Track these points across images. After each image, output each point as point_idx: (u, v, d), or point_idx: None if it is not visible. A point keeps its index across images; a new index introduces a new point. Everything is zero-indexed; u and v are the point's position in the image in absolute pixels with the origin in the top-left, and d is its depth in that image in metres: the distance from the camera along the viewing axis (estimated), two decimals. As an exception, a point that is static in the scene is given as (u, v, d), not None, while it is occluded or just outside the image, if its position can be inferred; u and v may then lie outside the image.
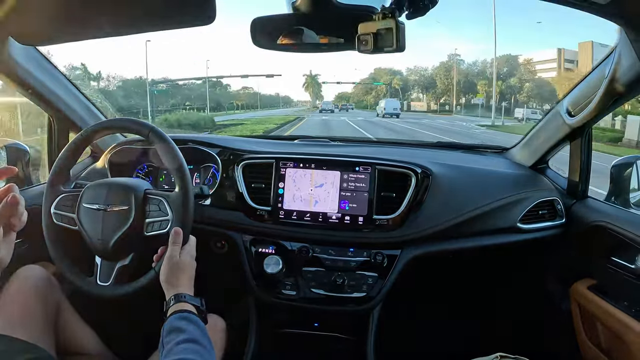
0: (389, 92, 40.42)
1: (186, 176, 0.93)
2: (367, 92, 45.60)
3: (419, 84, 41.11)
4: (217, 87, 40.15)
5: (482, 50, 59.32)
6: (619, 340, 0.99)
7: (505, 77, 33.22)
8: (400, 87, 41.38)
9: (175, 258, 0.84)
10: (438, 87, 38.09)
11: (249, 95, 43.71)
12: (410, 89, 42.08)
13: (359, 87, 46.07)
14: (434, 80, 38.71)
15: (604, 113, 1.03)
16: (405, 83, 41.88)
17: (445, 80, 37.32)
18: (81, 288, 0.95)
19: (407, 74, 42.70)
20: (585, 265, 1.16)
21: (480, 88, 33.61)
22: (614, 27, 0.78)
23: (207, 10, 0.72)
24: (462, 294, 1.50)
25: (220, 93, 39.48)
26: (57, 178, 1.00)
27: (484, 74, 35.81)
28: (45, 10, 0.77)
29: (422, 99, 40.83)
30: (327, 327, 1.28)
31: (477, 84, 34.59)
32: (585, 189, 1.21)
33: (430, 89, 39.06)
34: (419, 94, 41.20)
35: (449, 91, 37.13)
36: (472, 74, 36.56)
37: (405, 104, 37.21)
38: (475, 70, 37.03)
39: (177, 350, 0.66)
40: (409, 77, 42.19)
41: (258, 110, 38.86)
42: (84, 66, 27.63)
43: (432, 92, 38.91)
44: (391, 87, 41.20)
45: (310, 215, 1.17)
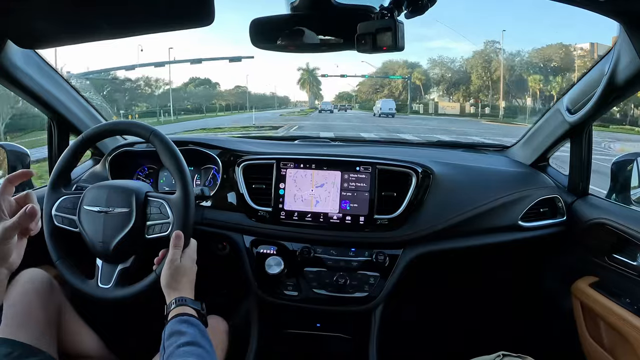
0: (409, 88, 32.32)
1: (187, 178, 0.93)
2: (377, 90, 37.45)
3: (445, 78, 31.83)
4: (203, 86, 36.56)
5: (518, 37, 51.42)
6: (621, 337, 0.99)
7: (557, 72, 24.88)
8: (423, 83, 32.61)
9: (177, 261, 0.84)
10: (473, 83, 28.91)
11: (237, 95, 39.53)
12: (434, 85, 32.90)
13: (366, 84, 39.68)
14: (465, 74, 30.17)
15: (604, 110, 1.04)
16: (427, 77, 33.08)
17: (484, 75, 28.11)
18: (82, 290, 0.95)
19: (430, 67, 33.52)
20: (587, 263, 1.15)
21: (534, 85, 24.90)
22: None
23: (207, 11, 0.72)
24: (463, 292, 1.50)
25: (202, 92, 36.00)
26: (58, 180, 1.00)
27: (534, 67, 26.15)
28: (44, 13, 0.77)
29: (442, 96, 31.62)
30: (329, 327, 1.28)
31: (528, 80, 25.20)
32: (586, 186, 1.20)
33: (460, 85, 30.36)
34: (443, 92, 31.99)
35: (488, 88, 28.32)
36: (518, 67, 27.01)
37: (431, 104, 29.98)
38: (517, 61, 27.18)
39: (179, 353, 0.66)
40: (431, 70, 33.25)
41: (245, 111, 34.32)
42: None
43: (462, 89, 30.22)
44: (411, 82, 32.44)
45: (311, 215, 1.17)
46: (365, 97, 38.40)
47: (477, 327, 1.46)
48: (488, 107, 27.11)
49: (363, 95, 39.55)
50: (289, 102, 48.79)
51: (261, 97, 45.85)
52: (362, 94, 40.21)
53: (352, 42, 0.78)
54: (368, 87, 39.03)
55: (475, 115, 25.87)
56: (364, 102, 36.61)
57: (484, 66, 28.31)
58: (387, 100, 25.40)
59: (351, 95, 44.64)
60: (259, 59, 66.36)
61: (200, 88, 36.28)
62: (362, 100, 37.51)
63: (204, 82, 37.44)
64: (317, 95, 43.34)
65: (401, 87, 34.44)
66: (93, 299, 0.94)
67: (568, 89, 1.15)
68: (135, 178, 1.38)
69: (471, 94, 29.29)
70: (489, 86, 28.04)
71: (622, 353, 1.00)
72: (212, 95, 36.83)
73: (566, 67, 24.39)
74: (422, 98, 31.92)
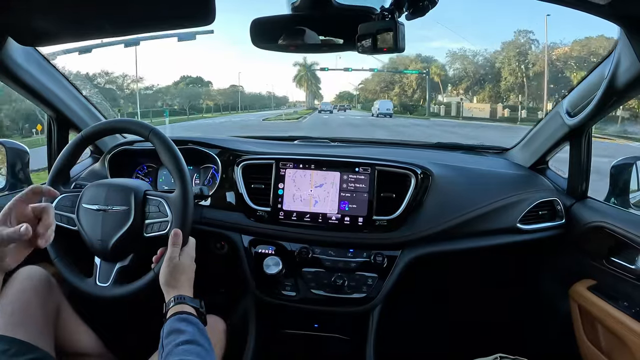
0: (427, 85, 28.38)
1: (186, 177, 0.93)
2: (386, 88, 34.08)
3: (467, 74, 27.25)
4: (192, 85, 33.92)
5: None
6: (619, 340, 0.99)
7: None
8: (441, 80, 28.45)
9: (175, 259, 0.84)
10: (505, 80, 24.04)
11: (228, 95, 36.75)
12: (457, 82, 28.01)
13: (372, 82, 36.07)
14: (491, 70, 25.55)
15: (604, 113, 1.04)
16: (446, 73, 28.89)
17: (518, 70, 23.31)
18: (80, 289, 0.95)
19: (450, 61, 28.90)
20: (585, 266, 1.15)
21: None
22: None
23: (207, 10, 0.72)
24: (461, 294, 1.50)
25: (190, 91, 33.56)
26: (57, 178, 1.00)
27: (578, 60, 21.05)
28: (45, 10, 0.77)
29: (458, 95, 27.68)
30: (327, 328, 1.28)
31: (571, 77, 20.59)
32: (585, 189, 1.21)
33: (487, 83, 25.89)
34: (461, 91, 27.64)
35: (522, 87, 23.36)
36: (561, 61, 21.51)
37: (454, 105, 25.59)
38: (557, 54, 22.03)
39: (177, 351, 0.66)
40: (451, 64, 28.82)
41: (237, 112, 32.35)
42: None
43: (487, 87, 25.81)
44: (429, 78, 28.52)
45: (310, 216, 1.17)
46: (372, 96, 35.23)
47: (475, 329, 1.46)
48: (523, 109, 21.22)
49: (369, 94, 36.81)
50: (287, 102, 47.25)
51: (257, 97, 43.79)
52: (368, 92, 37.24)
53: (353, 42, 0.78)
54: (375, 84, 35.72)
55: (510, 119, 20.71)
56: (368, 102, 34.15)
57: (518, 60, 23.06)
58: (385, 101, 26.78)
59: (352, 95, 42.59)
60: (257, 58, 65.09)
61: (190, 87, 34.01)
62: (368, 100, 34.59)
63: (195, 80, 35.54)
64: (317, 94, 41.05)
65: (415, 85, 30.94)
66: (91, 297, 0.94)
67: (568, 92, 1.16)
68: (134, 176, 1.38)
69: (500, 93, 24.31)
70: (523, 84, 23.25)
71: (620, 356, 1.00)
72: (198, 95, 34.10)
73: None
74: (434, 98, 28.55)
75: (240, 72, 76.14)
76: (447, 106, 26.90)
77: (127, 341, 1.14)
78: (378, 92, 35.21)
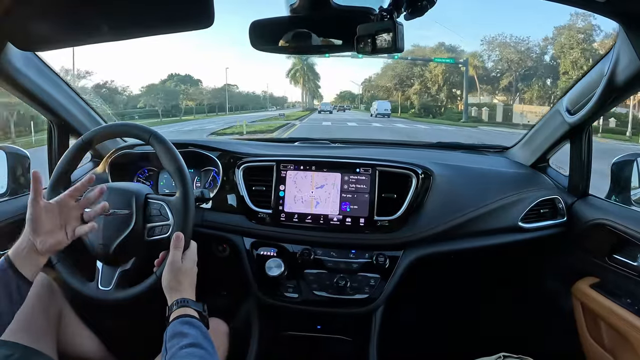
0: (465, 79, 22.31)
1: (187, 180, 0.93)
2: (401, 85, 27.50)
3: (510, 67, 21.05)
4: (179, 84, 29.98)
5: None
6: (622, 337, 0.99)
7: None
8: (479, 74, 22.34)
9: (177, 263, 0.84)
10: (567, 74, 17.85)
11: (215, 94, 33.28)
12: (497, 77, 21.64)
13: (383, 78, 30.22)
14: (542, 62, 19.60)
15: (604, 111, 1.04)
16: (484, 65, 22.42)
17: (584, 62, 17.16)
18: (83, 293, 0.95)
19: (487, 48, 22.02)
20: (587, 264, 1.15)
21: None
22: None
23: (206, 13, 0.72)
24: (464, 294, 1.50)
25: (170, 89, 29.11)
26: (58, 183, 0.99)
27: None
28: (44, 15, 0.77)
29: (496, 93, 21.98)
30: (329, 329, 1.28)
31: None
32: (586, 187, 1.21)
33: (536, 78, 20.09)
34: (504, 87, 21.43)
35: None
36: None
37: (500, 109, 19.50)
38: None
39: (181, 354, 0.66)
40: (489, 52, 22.10)
41: (227, 114, 29.14)
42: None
43: (537, 84, 19.95)
44: (467, 70, 22.12)
45: (311, 217, 1.17)
46: (383, 94, 29.98)
47: (478, 328, 1.46)
48: (611, 116, 14.27)
49: (379, 92, 31.38)
50: (285, 102, 44.65)
51: (252, 97, 41.07)
52: (378, 90, 31.70)
53: (352, 43, 0.78)
54: (387, 79, 29.43)
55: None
56: (373, 102, 29.52)
57: (582, 48, 17.13)
58: (383, 102, 26.92)
59: (354, 95, 40.05)
60: (253, 55, 64.04)
61: (174, 85, 30.49)
62: (377, 99, 30.06)
63: (184, 79, 32.41)
64: (315, 93, 38.66)
65: (441, 80, 23.77)
66: (93, 301, 0.94)
67: (567, 90, 1.16)
68: (135, 180, 1.38)
69: (555, 92, 18.14)
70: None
71: (623, 353, 1.00)
72: (176, 94, 29.95)
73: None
74: (460, 97, 23.05)
75: (227, 68, 72.23)
76: (490, 108, 20.25)
77: (129, 345, 1.14)
78: (391, 90, 28.95)
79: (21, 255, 0.74)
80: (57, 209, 0.78)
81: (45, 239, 0.75)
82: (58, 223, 0.78)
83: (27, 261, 0.74)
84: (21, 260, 0.74)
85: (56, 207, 0.78)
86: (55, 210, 0.78)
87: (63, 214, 0.79)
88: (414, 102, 27.98)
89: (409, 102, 28.79)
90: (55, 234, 0.77)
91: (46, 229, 0.76)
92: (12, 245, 0.76)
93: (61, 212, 0.79)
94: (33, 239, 0.75)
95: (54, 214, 0.78)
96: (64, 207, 0.79)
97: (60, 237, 0.78)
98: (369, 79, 36.52)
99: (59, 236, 0.78)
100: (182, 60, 68.36)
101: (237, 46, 61.35)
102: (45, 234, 0.76)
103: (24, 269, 0.73)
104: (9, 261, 0.73)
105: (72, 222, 0.81)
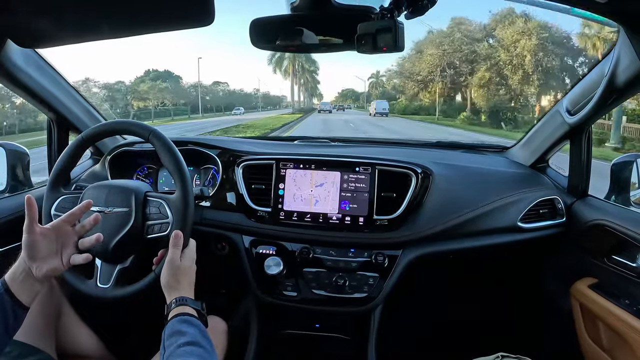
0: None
1: (186, 178, 0.93)
2: (448, 75, 18.93)
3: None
4: (144, 80, 27.18)
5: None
6: (621, 338, 0.99)
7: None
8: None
9: (176, 261, 0.84)
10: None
11: (214, 93, 30.85)
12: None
13: (418, 64, 21.35)
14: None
15: (604, 111, 1.04)
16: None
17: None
18: (81, 290, 0.95)
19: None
20: (586, 264, 1.15)
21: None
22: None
23: (207, 11, 0.72)
24: (462, 293, 1.50)
25: (118, 88, 25.81)
26: (57, 180, 1.00)
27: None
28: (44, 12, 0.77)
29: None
30: (328, 328, 1.28)
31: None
32: (586, 187, 1.21)
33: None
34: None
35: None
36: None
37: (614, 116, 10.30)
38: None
39: (179, 352, 0.66)
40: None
41: (201, 117, 25.90)
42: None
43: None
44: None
45: (310, 216, 1.17)
46: (414, 87, 22.28)
47: (477, 328, 1.46)
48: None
49: (409, 83, 23.13)
50: (280, 102, 42.15)
51: (239, 95, 37.72)
52: (407, 79, 23.43)
53: (352, 42, 0.78)
54: (426, 65, 20.08)
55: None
56: (372, 101, 27.35)
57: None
58: (381, 102, 26.89)
59: (358, 93, 37.55)
60: (252, 53, 59.86)
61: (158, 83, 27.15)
62: (387, 98, 27.80)
63: (162, 75, 29.25)
64: (313, 91, 35.81)
65: (530, 66, 15.30)
66: (92, 298, 0.94)
67: (568, 90, 1.15)
68: (134, 178, 1.37)
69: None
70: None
71: (621, 354, 1.01)
72: (182, 94, 27.50)
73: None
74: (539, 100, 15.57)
75: (200, 58, 62.30)
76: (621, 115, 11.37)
77: (128, 343, 1.14)
78: (426, 83, 20.28)
79: (18, 280, 0.72)
80: (54, 234, 0.77)
81: (40, 264, 0.74)
82: (54, 249, 0.77)
83: (24, 286, 0.73)
84: (18, 285, 0.72)
85: (52, 232, 0.77)
86: (51, 236, 0.77)
87: (59, 240, 0.78)
88: (481, 105, 18.16)
89: (465, 98, 19.79)
90: (51, 260, 0.76)
91: (42, 255, 0.75)
92: (8, 270, 0.75)
93: (57, 238, 0.78)
94: (29, 265, 0.73)
95: (50, 240, 0.77)
96: (60, 232, 0.78)
97: (56, 264, 0.77)
98: (377, 74, 32.65)
99: (55, 262, 0.77)
100: (169, 55, 65.69)
101: (237, 45, 60.66)
102: (41, 260, 0.74)
103: (21, 294, 0.72)
104: (5, 285, 0.71)
105: (68, 249, 0.80)
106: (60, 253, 0.78)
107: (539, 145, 1.31)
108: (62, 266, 0.78)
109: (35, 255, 0.74)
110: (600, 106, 0.97)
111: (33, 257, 0.74)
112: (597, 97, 0.95)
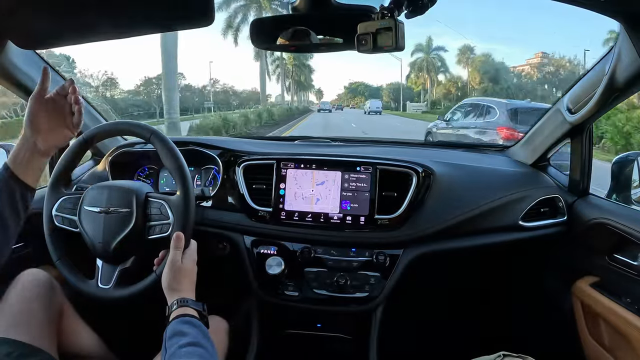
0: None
1: (187, 179, 0.93)
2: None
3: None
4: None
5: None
6: (622, 337, 0.99)
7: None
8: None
9: (178, 262, 0.84)
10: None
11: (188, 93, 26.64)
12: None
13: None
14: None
15: (605, 110, 1.03)
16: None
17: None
18: (82, 291, 0.95)
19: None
20: (588, 263, 1.15)
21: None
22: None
23: (206, 11, 0.72)
24: (464, 292, 1.50)
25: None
26: (58, 181, 1.00)
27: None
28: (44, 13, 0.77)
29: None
30: (329, 327, 1.28)
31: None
32: (587, 186, 1.20)
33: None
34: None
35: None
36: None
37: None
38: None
39: (180, 353, 0.66)
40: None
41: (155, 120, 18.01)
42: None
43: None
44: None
45: (311, 215, 1.17)
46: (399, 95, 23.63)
47: (478, 327, 1.46)
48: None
49: (442, 91, 22.68)
50: (280, 102, 42.91)
51: (231, 94, 35.81)
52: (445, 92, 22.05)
53: (352, 42, 0.78)
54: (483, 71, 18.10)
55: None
56: (366, 101, 30.49)
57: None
58: (375, 100, 31.05)
59: (371, 88, 39.84)
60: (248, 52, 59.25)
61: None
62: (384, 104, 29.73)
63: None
64: (315, 91, 36.45)
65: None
66: (93, 299, 0.94)
67: (568, 89, 1.15)
68: (135, 178, 1.38)
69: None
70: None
71: (623, 353, 1.00)
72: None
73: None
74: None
75: (211, 62, 60.24)
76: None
77: (129, 343, 1.14)
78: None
79: (22, 162, 0.75)
80: (53, 105, 0.81)
81: (45, 136, 0.77)
82: (58, 120, 0.82)
83: (29, 166, 0.75)
84: (22, 168, 0.74)
85: (52, 103, 0.81)
86: (53, 106, 0.81)
87: (59, 109, 0.82)
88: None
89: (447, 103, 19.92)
90: (57, 131, 0.81)
91: (47, 127, 0.78)
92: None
93: (57, 107, 0.82)
94: (34, 139, 0.75)
95: (51, 111, 0.80)
96: (59, 102, 0.82)
97: (65, 132, 0.82)
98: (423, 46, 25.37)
99: (63, 132, 0.82)
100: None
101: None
102: (47, 132, 0.78)
103: (26, 176, 0.74)
104: (9, 171, 0.73)
105: (68, 117, 0.84)
106: (65, 121, 0.83)
107: (540, 144, 1.31)
108: (70, 133, 0.84)
109: (39, 126, 0.77)
110: (601, 105, 0.97)
111: (37, 129, 0.77)
112: (597, 96, 0.95)
